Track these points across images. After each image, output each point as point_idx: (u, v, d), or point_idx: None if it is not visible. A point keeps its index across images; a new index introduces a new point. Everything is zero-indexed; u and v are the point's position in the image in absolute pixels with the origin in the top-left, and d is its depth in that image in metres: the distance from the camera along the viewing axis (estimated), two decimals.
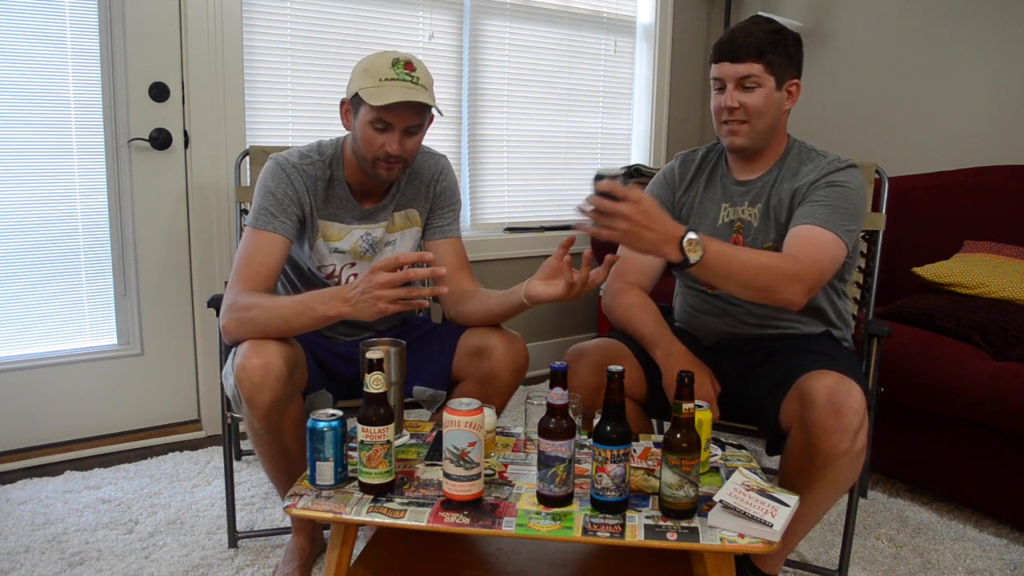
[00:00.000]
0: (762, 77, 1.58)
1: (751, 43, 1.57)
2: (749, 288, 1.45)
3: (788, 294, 1.44)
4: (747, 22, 1.63)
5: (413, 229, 1.80)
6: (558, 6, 3.22)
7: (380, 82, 1.55)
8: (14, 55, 2.17)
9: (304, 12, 2.61)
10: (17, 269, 2.27)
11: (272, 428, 1.51)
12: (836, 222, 1.53)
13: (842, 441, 1.35)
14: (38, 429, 2.33)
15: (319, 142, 1.73)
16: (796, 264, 1.45)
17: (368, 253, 1.74)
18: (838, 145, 2.74)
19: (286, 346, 1.49)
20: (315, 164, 1.68)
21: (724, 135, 1.66)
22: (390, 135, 1.58)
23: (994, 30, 2.78)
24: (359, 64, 1.61)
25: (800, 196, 1.62)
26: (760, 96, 1.59)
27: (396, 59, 1.57)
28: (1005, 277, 2.22)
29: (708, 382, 1.58)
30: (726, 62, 1.60)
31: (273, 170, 1.65)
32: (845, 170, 1.61)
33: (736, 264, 1.41)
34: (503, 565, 1.50)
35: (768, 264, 1.44)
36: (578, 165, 3.43)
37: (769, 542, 1.16)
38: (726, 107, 1.61)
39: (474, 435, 1.23)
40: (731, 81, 1.60)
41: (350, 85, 1.61)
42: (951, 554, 1.87)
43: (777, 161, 1.69)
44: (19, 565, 1.74)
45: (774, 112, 1.62)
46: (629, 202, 1.26)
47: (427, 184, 1.80)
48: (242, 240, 1.63)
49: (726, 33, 1.63)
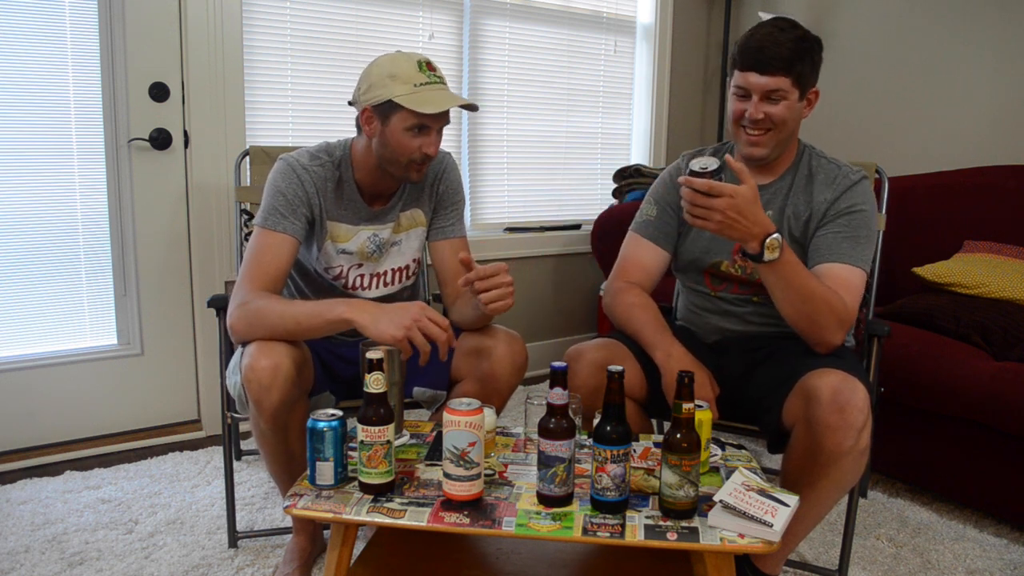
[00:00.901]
0: (788, 90, 1.56)
1: (781, 54, 1.53)
2: (798, 310, 1.51)
3: (829, 334, 1.52)
4: (772, 27, 1.57)
5: (418, 229, 1.80)
6: (558, 6, 3.22)
7: (416, 88, 1.55)
8: (14, 55, 2.17)
9: (304, 12, 2.62)
10: (17, 269, 2.27)
11: (279, 429, 1.51)
12: (859, 255, 1.58)
13: (846, 439, 1.35)
14: (38, 429, 2.33)
15: (327, 143, 1.72)
16: (845, 310, 1.51)
17: (375, 254, 1.74)
18: (838, 145, 2.75)
19: (294, 347, 1.49)
20: (324, 165, 1.67)
21: (743, 144, 1.63)
22: (428, 138, 1.59)
23: (994, 30, 2.78)
24: (378, 69, 1.58)
25: (818, 219, 1.62)
26: (785, 108, 1.57)
27: (419, 61, 1.58)
28: (1005, 277, 2.22)
29: (708, 383, 1.57)
30: (754, 73, 1.55)
31: (284, 171, 1.64)
32: (858, 185, 1.62)
33: (799, 281, 1.48)
34: (503, 565, 1.50)
35: (824, 296, 1.50)
36: (578, 165, 3.43)
37: (769, 542, 1.16)
38: (751, 118, 1.58)
39: (474, 435, 1.23)
40: (757, 93, 1.56)
41: (373, 91, 1.57)
42: (951, 554, 1.87)
43: (789, 167, 1.69)
44: (19, 565, 1.74)
45: (795, 122, 1.61)
46: (725, 198, 1.37)
47: (430, 183, 1.80)
48: (251, 240, 1.63)
49: (753, 40, 1.57)
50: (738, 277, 1.70)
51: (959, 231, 2.52)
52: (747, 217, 1.39)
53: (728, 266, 1.71)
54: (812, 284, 1.49)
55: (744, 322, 1.73)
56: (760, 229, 1.41)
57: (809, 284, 1.49)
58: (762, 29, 1.58)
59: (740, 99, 1.60)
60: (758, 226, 1.41)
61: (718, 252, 1.71)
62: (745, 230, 1.41)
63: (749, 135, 1.60)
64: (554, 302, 3.39)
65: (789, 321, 1.55)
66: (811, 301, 1.49)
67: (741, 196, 1.38)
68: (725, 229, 1.40)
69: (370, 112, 1.61)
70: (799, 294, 1.49)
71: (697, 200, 1.39)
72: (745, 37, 1.60)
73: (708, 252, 1.73)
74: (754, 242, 1.42)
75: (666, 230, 1.77)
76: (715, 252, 1.72)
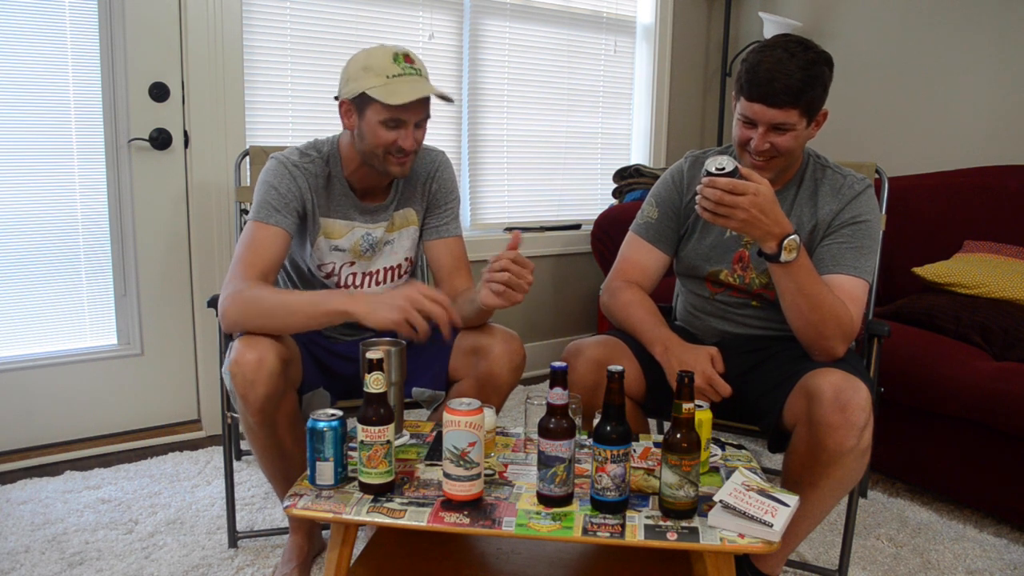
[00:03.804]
0: (796, 122, 1.51)
1: (790, 87, 1.47)
2: (805, 316, 1.51)
3: (832, 344, 1.52)
4: (783, 51, 1.49)
5: (411, 228, 1.80)
6: (558, 6, 3.22)
7: (388, 79, 1.54)
8: (14, 55, 2.17)
9: (304, 12, 2.62)
10: (17, 269, 2.27)
11: (267, 423, 1.51)
12: (863, 266, 1.59)
13: (848, 438, 1.35)
14: (38, 429, 2.33)
15: (315, 140, 1.73)
16: (850, 322, 1.52)
17: (368, 253, 1.74)
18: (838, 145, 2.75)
19: (280, 342, 1.49)
20: (315, 162, 1.68)
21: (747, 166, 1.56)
22: (403, 131, 1.58)
23: (994, 31, 2.78)
24: (355, 62, 1.59)
25: (823, 230, 1.62)
26: (791, 138, 1.53)
27: (395, 53, 1.57)
28: (1005, 277, 2.22)
29: (707, 362, 1.54)
30: (762, 104, 1.50)
31: (276, 168, 1.64)
32: (863, 195, 1.62)
33: (811, 287, 1.48)
34: (503, 565, 1.50)
35: (832, 306, 1.50)
36: (578, 165, 3.43)
37: (769, 542, 1.16)
38: (756, 150, 1.55)
39: (474, 435, 1.23)
40: (764, 125, 1.52)
41: (349, 84, 1.59)
42: (951, 554, 1.87)
43: (793, 177, 1.68)
44: (19, 565, 1.74)
45: (802, 146, 1.60)
46: (749, 196, 1.38)
47: (422, 182, 1.79)
48: (244, 233, 1.63)
49: (762, 69, 1.49)
50: (737, 286, 1.70)
51: (959, 231, 2.52)
52: (768, 216, 1.41)
53: (727, 275, 1.71)
54: (823, 291, 1.50)
55: (743, 325, 1.73)
56: (780, 229, 1.43)
57: (820, 291, 1.49)
58: (771, 54, 1.49)
59: (746, 126, 1.56)
60: (778, 226, 1.42)
61: (718, 261, 1.71)
62: (767, 228, 1.42)
63: (754, 160, 1.58)
64: (554, 302, 3.39)
65: (794, 327, 1.55)
66: (819, 309, 1.49)
67: (763, 195, 1.39)
68: (747, 227, 1.42)
69: (348, 105, 1.62)
70: (809, 300, 1.49)
71: (723, 199, 1.39)
72: (753, 63, 1.51)
73: (708, 260, 1.72)
74: (772, 241, 1.43)
75: (667, 233, 1.77)
76: (715, 261, 1.71)
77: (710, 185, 1.40)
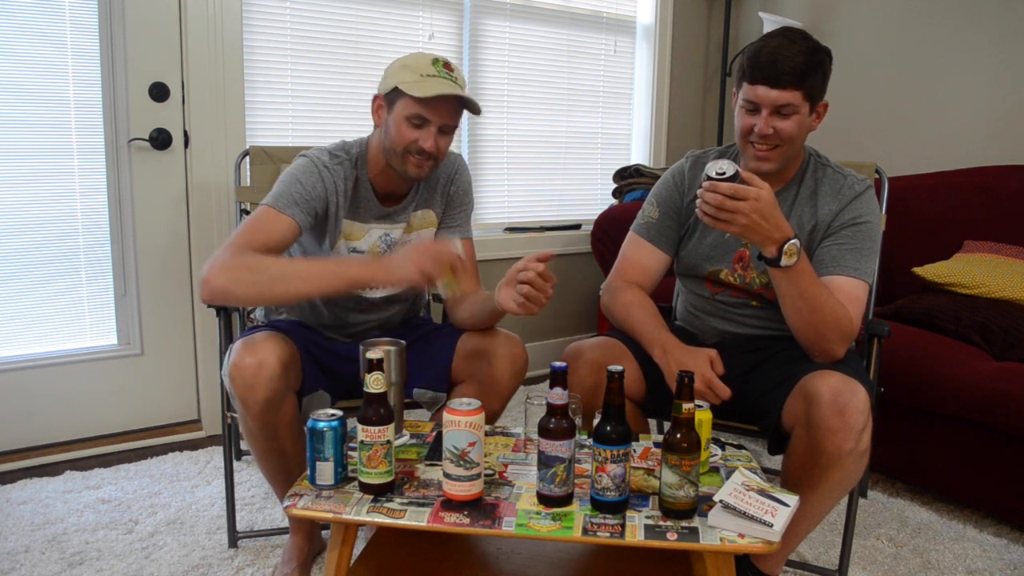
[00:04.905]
0: (799, 104, 1.52)
1: (794, 68, 1.49)
2: (805, 319, 1.51)
3: (832, 347, 1.52)
4: (783, 38, 1.52)
5: (430, 230, 1.80)
6: (558, 6, 3.22)
7: (421, 77, 1.56)
8: (14, 55, 2.17)
9: (304, 12, 2.62)
10: (17, 269, 2.27)
11: (267, 427, 1.51)
12: (863, 267, 1.59)
13: (847, 441, 1.35)
14: (38, 429, 2.33)
15: (344, 141, 1.72)
16: (850, 324, 1.52)
17: (386, 254, 1.74)
18: (838, 145, 2.75)
19: (280, 344, 1.49)
20: (343, 164, 1.67)
21: (751, 158, 1.60)
22: (426, 131, 1.59)
23: (994, 31, 2.78)
24: (396, 62, 1.62)
25: (823, 231, 1.62)
26: (795, 123, 1.54)
27: (436, 59, 1.59)
28: (1005, 277, 2.22)
29: (706, 365, 1.54)
30: (765, 86, 1.51)
31: (306, 165, 1.63)
32: (863, 195, 1.62)
33: (811, 291, 1.48)
34: (503, 565, 1.50)
35: (832, 309, 1.50)
36: (578, 165, 3.43)
37: (769, 542, 1.16)
38: (760, 134, 1.55)
39: (474, 435, 1.23)
40: (767, 107, 1.52)
41: (385, 80, 1.61)
42: (951, 554, 1.87)
43: (794, 177, 1.67)
44: (19, 565, 1.74)
45: (804, 136, 1.60)
46: (750, 201, 1.38)
47: (442, 184, 1.80)
48: (253, 214, 1.59)
49: (764, 52, 1.51)
50: (737, 286, 1.70)
51: (959, 231, 2.52)
52: (769, 220, 1.40)
53: (728, 275, 1.71)
54: (823, 295, 1.49)
55: (743, 325, 1.73)
56: (780, 234, 1.42)
57: (820, 294, 1.49)
58: (772, 41, 1.53)
59: (749, 113, 1.56)
60: (779, 230, 1.42)
61: (719, 261, 1.71)
62: (767, 233, 1.41)
63: (758, 150, 1.57)
64: (554, 302, 3.35)
65: (794, 330, 1.55)
66: (819, 312, 1.49)
67: (764, 199, 1.39)
68: (747, 232, 1.41)
69: (380, 100, 1.64)
70: (809, 303, 1.49)
71: (724, 204, 1.38)
72: (754, 49, 1.54)
73: (709, 260, 1.72)
74: (773, 246, 1.43)
75: (667, 233, 1.77)
76: (716, 260, 1.71)
77: (711, 190, 1.39)
